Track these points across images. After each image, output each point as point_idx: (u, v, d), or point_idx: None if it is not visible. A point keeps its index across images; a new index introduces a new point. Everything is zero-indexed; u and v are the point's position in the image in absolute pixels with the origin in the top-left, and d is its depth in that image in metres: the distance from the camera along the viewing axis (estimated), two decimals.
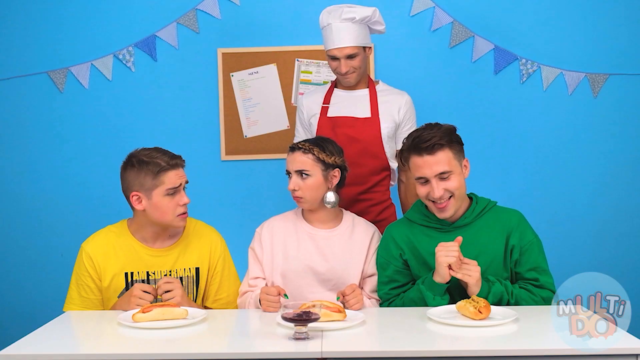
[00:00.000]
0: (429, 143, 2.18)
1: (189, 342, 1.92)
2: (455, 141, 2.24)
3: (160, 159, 2.25)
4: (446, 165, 2.19)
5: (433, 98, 3.49)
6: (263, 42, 3.47)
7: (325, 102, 2.86)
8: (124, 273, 2.31)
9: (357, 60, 2.74)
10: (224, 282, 2.40)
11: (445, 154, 2.19)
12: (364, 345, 1.91)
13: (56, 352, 1.82)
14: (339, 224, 2.42)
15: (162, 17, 3.48)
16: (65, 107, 3.51)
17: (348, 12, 2.70)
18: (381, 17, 2.80)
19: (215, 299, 2.40)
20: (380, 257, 2.35)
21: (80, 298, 2.33)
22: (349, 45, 2.70)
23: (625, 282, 1.87)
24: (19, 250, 3.55)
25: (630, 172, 3.49)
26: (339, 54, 2.72)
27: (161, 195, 2.24)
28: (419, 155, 2.20)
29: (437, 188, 2.18)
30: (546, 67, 3.46)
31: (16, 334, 2.05)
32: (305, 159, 2.34)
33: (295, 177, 2.35)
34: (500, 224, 2.27)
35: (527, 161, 3.48)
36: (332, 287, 2.35)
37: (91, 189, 3.51)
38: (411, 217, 2.36)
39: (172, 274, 2.33)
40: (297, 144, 2.38)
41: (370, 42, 2.81)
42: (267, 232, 2.41)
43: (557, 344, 1.79)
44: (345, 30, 2.70)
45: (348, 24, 2.70)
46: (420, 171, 2.20)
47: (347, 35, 2.70)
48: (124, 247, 2.32)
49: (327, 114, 2.83)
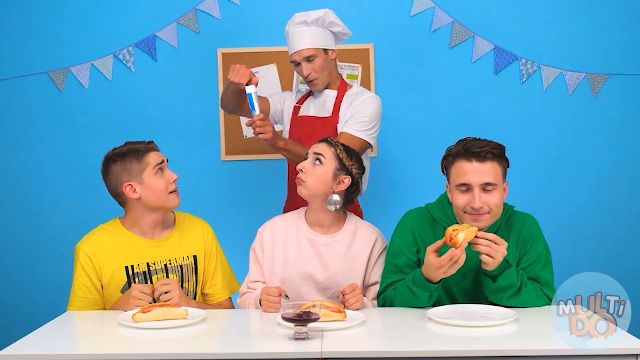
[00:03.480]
0: (482, 150, 2.12)
1: (189, 342, 1.92)
2: (505, 159, 2.19)
3: (136, 146, 2.33)
4: (493, 177, 2.13)
5: (433, 98, 3.49)
6: (263, 42, 3.47)
7: (299, 103, 2.93)
8: (124, 267, 2.31)
9: (317, 62, 2.77)
10: (218, 267, 2.45)
11: (494, 167, 2.14)
12: (364, 345, 1.91)
13: (56, 352, 1.82)
14: (341, 228, 2.40)
15: (162, 17, 3.49)
16: (65, 107, 3.52)
17: (301, 16, 2.78)
18: (337, 18, 2.82)
19: (212, 284, 2.44)
20: (394, 244, 2.29)
21: (82, 299, 2.32)
22: (304, 47, 2.75)
23: (625, 282, 1.87)
24: (19, 250, 3.55)
25: (630, 172, 3.50)
26: (298, 57, 2.77)
27: (152, 176, 2.29)
28: (467, 160, 2.14)
29: (478, 198, 2.11)
30: (546, 67, 3.46)
31: (16, 334, 2.05)
32: (327, 148, 2.35)
33: (308, 160, 2.35)
34: (515, 231, 2.25)
35: (527, 161, 3.48)
36: (332, 295, 2.34)
37: (91, 188, 3.50)
38: (434, 214, 2.29)
39: (172, 262, 2.35)
40: (326, 138, 2.40)
41: (334, 44, 2.84)
42: (269, 234, 2.40)
43: (557, 344, 1.80)
44: (299, 34, 2.77)
45: (302, 27, 2.77)
46: (465, 177, 2.13)
47: (302, 38, 2.77)
48: (121, 242, 2.33)
49: (298, 113, 2.90)
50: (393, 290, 2.23)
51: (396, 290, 2.22)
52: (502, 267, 2.11)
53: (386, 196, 3.47)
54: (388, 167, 3.51)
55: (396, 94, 3.48)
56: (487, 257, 2.06)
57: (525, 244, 2.25)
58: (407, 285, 2.16)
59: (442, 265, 2.04)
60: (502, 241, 2.08)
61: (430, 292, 2.14)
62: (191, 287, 2.38)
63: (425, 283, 2.12)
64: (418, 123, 3.49)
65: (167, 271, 2.35)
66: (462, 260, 2.05)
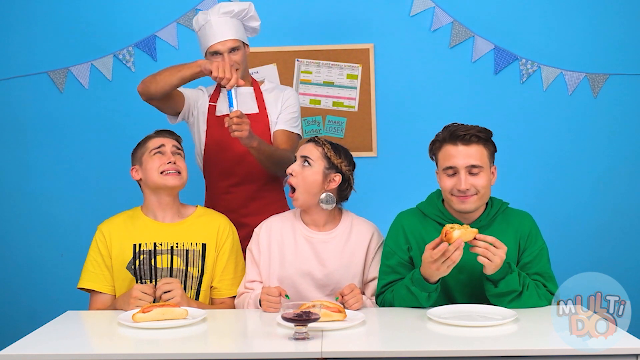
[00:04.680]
0: (467, 133, 2.16)
1: (189, 342, 1.92)
2: (491, 142, 2.23)
3: (150, 134, 2.52)
4: (478, 159, 2.17)
5: (433, 98, 3.49)
6: (263, 42, 3.47)
7: (213, 100, 2.81)
8: (132, 245, 2.39)
9: (239, 55, 2.72)
10: (231, 263, 2.45)
11: (480, 149, 2.18)
12: (364, 345, 1.91)
13: (56, 352, 1.82)
14: (337, 225, 2.41)
15: (162, 17, 3.49)
16: (65, 107, 3.51)
17: (226, 6, 2.72)
18: (256, 13, 2.80)
19: (222, 279, 2.44)
20: (387, 246, 2.32)
21: (92, 273, 2.40)
22: (231, 37, 2.70)
23: (625, 282, 1.87)
24: (19, 250, 3.55)
25: (630, 172, 3.49)
26: (222, 47, 2.69)
27: (148, 158, 2.42)
28: (453, 144, 2.18)
29: (464, 180, 2.15)
30: (546, 67, 3.46)
31: (16, 334, 2.05)
32: (313, 149, 2.35)
33: (297, 163, 2.36)
34: (513, 227, 2.26)
35: (527, 161, 3.48)
36: (330, 292, 2.34)
37: (91, 188, 3.51)
38: (425, 209, 2.33)
39: (179, 245, 2.39)
40: (314, 137, 2.41)
41: (247, 40, 2.81)
42: (265, 234, 2.41)
43: (557, 344, 1.79)
44: (225, 24, 2.70)
45: (227, 18, 2.71)
46: (452, 160, 2.18)
47: (228, 28, 2.71)
48: (135, 224, 2.44)
49: (215, 113, 2.79)
50: (391, 292, 2.24)
51: (395, 292, 2.23)
52: (504, 271, 2.11)
53: (386, 196, 3.47)
54: (388, 167, 3.51)
55: (396, 94, 3.49)
56: (485, 259, 2.06)
57: (525, 239, 2.26)
58: (406, 285, 2.17)
59: (434, 260, 2.04)
60: (501, 245, 2.07)
61: (428, 292, 2.14)
62: (196, 272, 2.40)
63: (423, 282, 2.12)
64: (418, 123, 3.48)
65: (173, 253, 2.38)
66: (457, 258, 2.04)
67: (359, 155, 3.45)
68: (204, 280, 2.41)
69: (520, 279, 2.14)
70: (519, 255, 2.25)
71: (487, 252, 2.05)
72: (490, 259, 2.06)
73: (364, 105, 3.48)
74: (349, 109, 3.49)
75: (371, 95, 3.47)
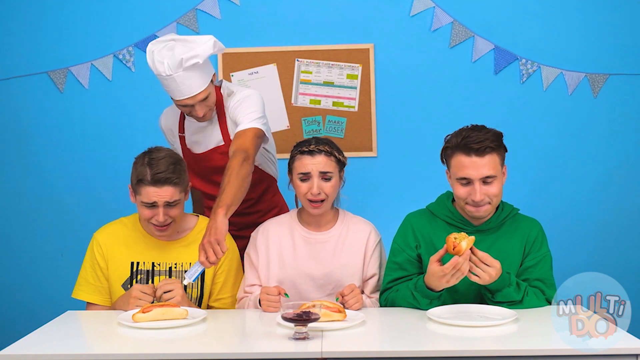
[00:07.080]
0: (481, 145, 2.14)
1: (189, 342, 1.92)
2: (503, 147, 2.22)
3: (147, 170, 2.23)
4: (492, 169, 2.16)
5: (433, 98, 3.49)
6: (263, 42, 3.47)
7: (181, 132, 2.69)
8: (130, 262, 2.34)
9: (211, 98, 2.52)
10: (228, 283, 2.40)
11: (493, 159, 2.17)
12: (364, 345, 1.91)
13: (56, 352, 1.82)
14: (334, 224, 2.41)
15: (162, 17, 3.48)
16: (65, 107, 3.51)
17: (190, 59, 2.40)
18: (219, 43, 2.52)
19: (217, 298, 2.39)
20: (395, 243, 2.33)
21: (88, 284, 2.36)
22: (200, 90, 2.46)
23: (625, 282, 1.87)
24: (19, 250, 3.55)
25: (630, 172, 3.49)
26: (192, 102, 2.48)
27: (139, 203, 2.28)
28: (466, 155, 2.16)
29: (479, 191, 2.15)
30: (546, 67, 3.46)
31: (16, 334, 2.05)
32: (328, 161, 2.33)
33: (319, 180, 2.31)
34: (521, 234, 2.27)
35: (526, 161, 3.48)
36: (331, 292, 2.34)
37: (91, 188, 3.51)
38: (434, 210, 2.33)
39: (177, 266, 2.35)
40: (317, 147, 2.31)
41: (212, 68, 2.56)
42: (262, 237, 2.40)
43: (557, 344, 1.80)
44: (191, 78, 2.43)
45: (193, 71, 2.43)
46: (465, 172, 2.17)
47: (195, 81, 2.45)
48: (133, 238, 2.37)
49: (186, 144, 2.69)
50: (396, 292, 2.25)
51: (399, 292, 2.24)
52: (502, 283, 2.12)
53: (386, 196, 3.47)
54: (388, 167, 3.50)
55: (396, 94, 3.48)
56: (474, 275, 2.08)
57: (531, 245, 2.26)
58: (410, 289, 2.19)
59: (445, 274, 2.05)
60: (492, 262, 2.08)
61: (431, 299, 2.15)
62: (195, 293, 2.36)
63: (426, 291, 2.14)
64: (418, 123, 3.48)
65: (171, 274, 2.34)
66: (466, 269, 2.05)
67: (359, 155, 3.46)
68: (203, 302, 2.38)
69: (520, 289, 2.16)
70: (522, 259, 2.26)
71: (475, 268, 2.07)
72: (479, 275, 2.07)
73: (364, 105, 3.48)
74: (349, 109, 3.49)
75: (371, 95, 3.47)
